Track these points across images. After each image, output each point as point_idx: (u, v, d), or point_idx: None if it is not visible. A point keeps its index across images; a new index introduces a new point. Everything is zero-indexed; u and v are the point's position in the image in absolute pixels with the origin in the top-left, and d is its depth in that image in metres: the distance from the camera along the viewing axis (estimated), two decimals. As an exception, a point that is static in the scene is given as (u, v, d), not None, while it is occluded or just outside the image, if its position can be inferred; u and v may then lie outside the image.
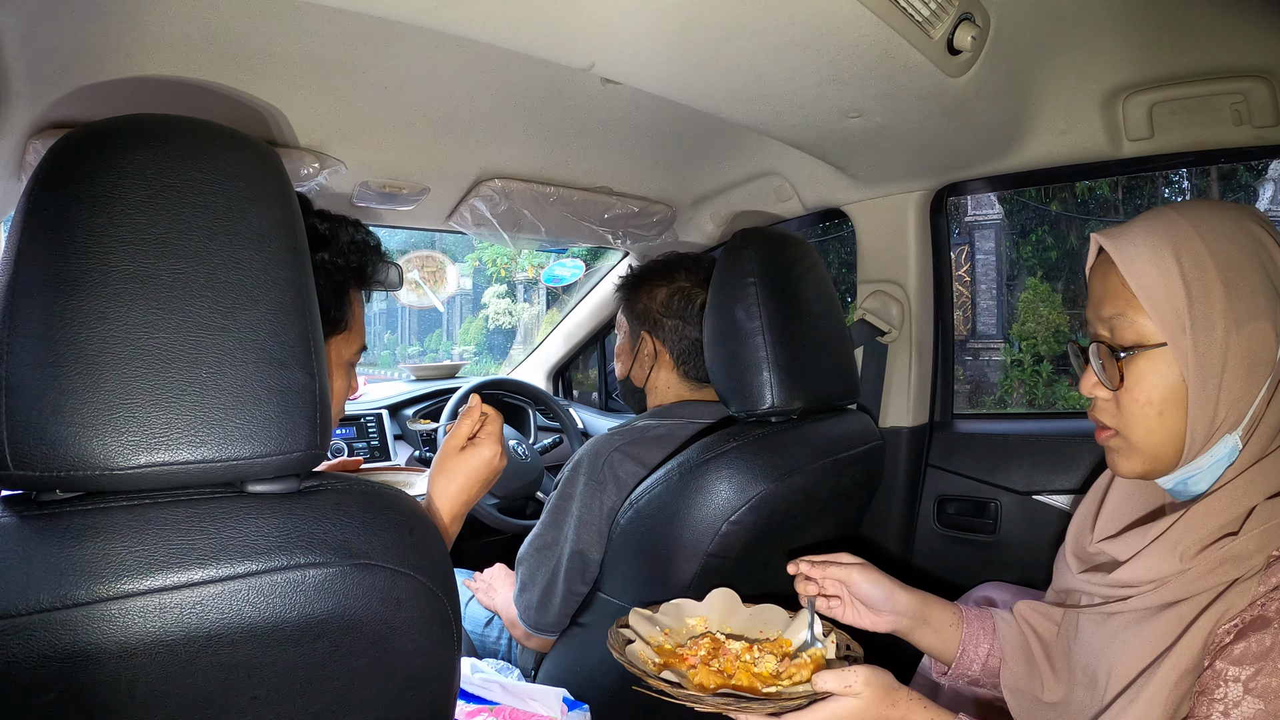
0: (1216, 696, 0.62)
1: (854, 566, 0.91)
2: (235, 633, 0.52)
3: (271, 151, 0.62)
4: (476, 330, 11.17)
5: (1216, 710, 0.62)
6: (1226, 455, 0.70)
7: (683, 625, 0.90)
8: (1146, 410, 0.71)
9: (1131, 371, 0.72)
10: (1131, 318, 0.71)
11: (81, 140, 0.56)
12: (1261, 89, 1.09)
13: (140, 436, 0.51)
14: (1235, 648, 0.63)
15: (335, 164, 1.24)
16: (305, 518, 0.56)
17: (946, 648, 0.94)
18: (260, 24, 0.92)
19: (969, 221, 9.07)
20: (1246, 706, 0.61)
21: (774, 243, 1.14)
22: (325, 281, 0.84)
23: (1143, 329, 0.70)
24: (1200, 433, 0.70)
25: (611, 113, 1.29)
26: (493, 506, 1.83)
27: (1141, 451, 0.73)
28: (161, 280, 0.52)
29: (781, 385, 1.07)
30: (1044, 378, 8.34)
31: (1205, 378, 0.68)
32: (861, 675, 0.73)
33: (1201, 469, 0.71)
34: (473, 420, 0.93)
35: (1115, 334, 0.73)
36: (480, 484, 0.91)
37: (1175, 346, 0.69)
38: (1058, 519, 1.38)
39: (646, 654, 0.82)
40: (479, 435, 0.93)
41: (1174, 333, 0.68)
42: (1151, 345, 0.70)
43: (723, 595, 0.93)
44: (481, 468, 0.90)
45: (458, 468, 0.90)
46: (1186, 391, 0.69)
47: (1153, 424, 0.72)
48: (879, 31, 0.84)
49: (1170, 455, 0.72)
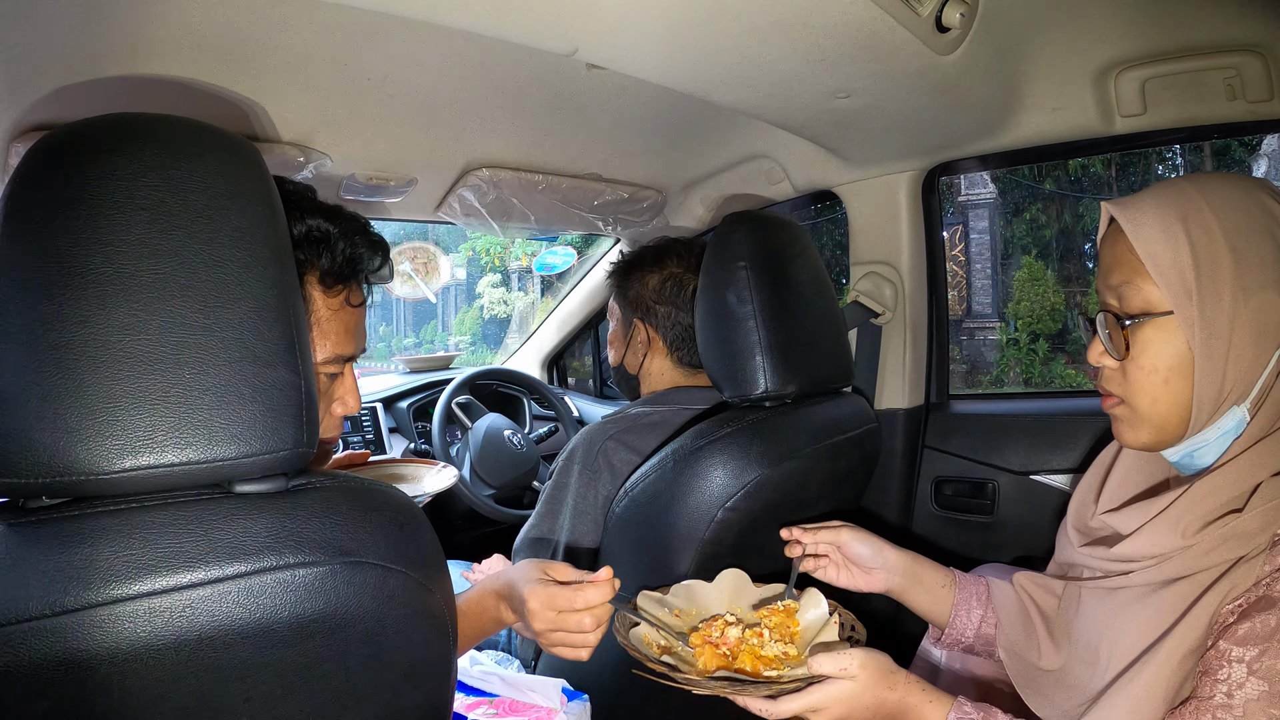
0: (1220, 677, 0.62)
1: (844, 528, 0.94)
2: (227, 635, 0.52)
3: (251, 147, 0.61)
4: (472, 320, 11.15)
5: (1220, 691, 0.62)
6: (1234, 428, 0.70)
7: (693, 606, 0.91)
8: (1152, 378, 0.71)
9: (1138, 340, 0.72)
10: (1138, 285, 0.71)
11: (59, 142, 0.55)
12: (1255, 63, 1.08)
13: (125, 440, 0.51)
14: (1239, 628, 0.63)
15: (320, 158, 1.23)
16: (294, 517, 0.56)
17: (940, 610, 0.95)
18: (240, 19, 0.91)
19: (963, 201, 9.04)
20: (1250, 688, 0.61)
21: (764, 225, 1.13)
22: None
23: (1149, 297, 0.70)
24: (1207, 403, 0.69)
25: (598, 98, 1.28)
26: (489, 497, 1.84)
27: (1148, 421, 0.73)
28: (142, 281, 0.52)
29: (775, 369, 1.06)
30: (1040, 356, 8.35)
31: (1212, 346, 0.68)
32: (858, 658, 0.73)
33: (1208, 441, 0.71)
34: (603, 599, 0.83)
35: (1123, 302, 0.72)
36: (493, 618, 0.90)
37: (1181, 314, 0.68)
38: (1056, 499, 1.38)
39: (652, 637, 0.82)
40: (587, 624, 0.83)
41: (1180, 300, 0.68)
42: (1158, 313, 0.70)
43: (733, 575, 0.93)
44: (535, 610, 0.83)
45: (523, 589, 0.85)
46: (1193, 360, 0.69)
47: (1159, 392, 0.71)
48: (865, 9, 0.82)
49: (1176, 425, 0.72)
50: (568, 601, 0.81)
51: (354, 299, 0.84)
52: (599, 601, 0.81)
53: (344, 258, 0.81)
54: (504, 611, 0.89)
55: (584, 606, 0.81)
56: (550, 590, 0.83)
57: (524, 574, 0.86)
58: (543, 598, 0.82)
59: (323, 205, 0.82)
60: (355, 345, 0.85)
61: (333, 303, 0.81)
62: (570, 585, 0.83)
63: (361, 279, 0.86)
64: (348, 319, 0.83)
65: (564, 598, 0.82)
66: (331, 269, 0.80)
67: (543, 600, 0.82)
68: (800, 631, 0.84)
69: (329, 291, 0.81)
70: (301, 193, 0.82)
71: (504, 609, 0.89)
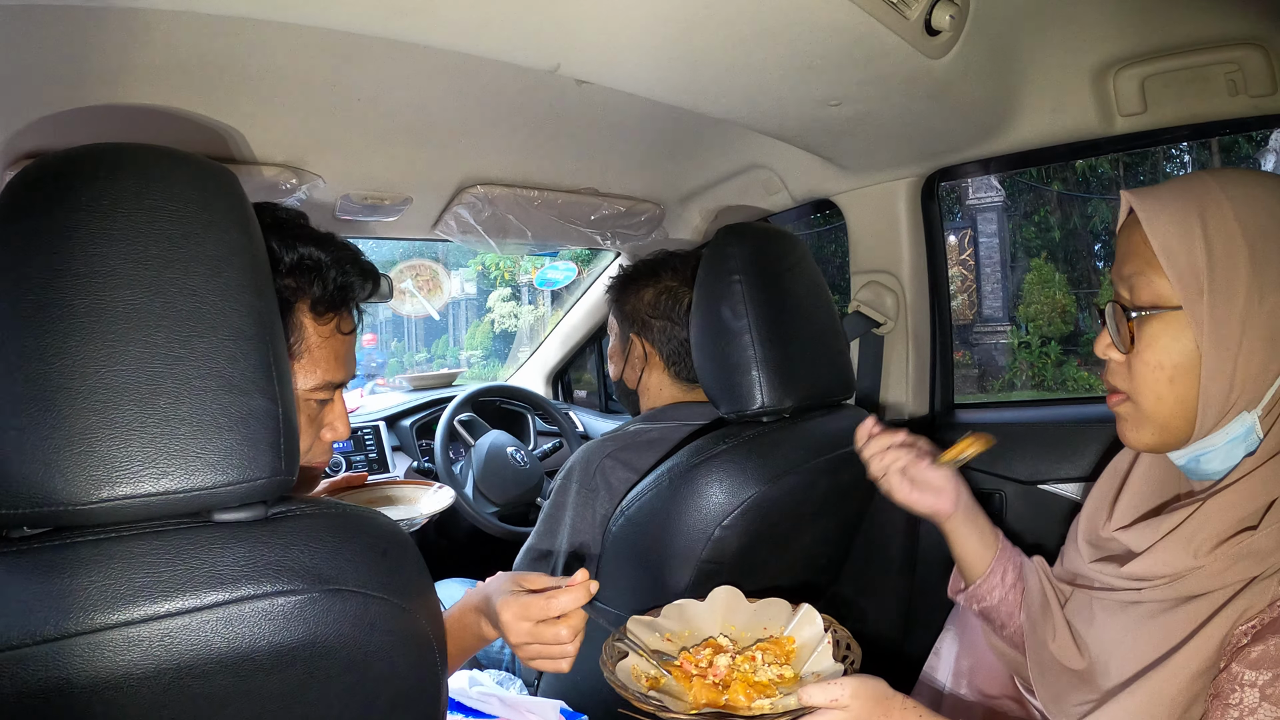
0: (1231, 702, 0.60)
1: (922, 438, 0.91)
2: (206, 664, 0.52)
3: (228, 172, 0.61)
4: (483, 334, 11.18)
5: (1231, 716, 0.60)
6: (1243, 435, 0.67)
7: (686, 627, 0.88)
8: (1157, 375, 0.69)
9: (1145, 333, 0.69)
10: (1150, 277, 0.68)
11: (37, 173, 0.56)
12: (1256, 57, 1.06)
13: (103, 470, 0.51)
14: (1253, 650, 0.61)
15: (314, 179, 1.24)
16: (273, 545, 0.56)
17: (978, 562, 0.93)
18: (223, 43, 0.91)
19: (970, 205, 8.99)
20: (1263, 713, 0.58)
21: (759, 238, 1.11)
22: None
23: (1160, 290, 0.68)
24: (1214, 405, 0.66)
25: (591, 112, 1.27)
26: (493, 514, 1.83)
27: (1151, 420, 0.71)
28: (117, 312, 0.52)
29: (771, 384, 1.04)
30: (1053, 359, 8.27)
31: (1221, 347, 0.65)
32: (849, 687, 0.69)
33: (1215, 447, 0.68)
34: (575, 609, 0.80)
35: (1133, 294, 0.70)
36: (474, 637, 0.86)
37: (1191, 310, 0.66)
38: (1064, 508, 1.35)
39: (641, 669, 0.80)
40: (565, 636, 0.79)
41: (1191, 296, 0.66)
42: (1167, 307, 0.67)
43: (725, 593, 0.91)
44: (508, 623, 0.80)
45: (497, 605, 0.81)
46: (1200, 360, 0.66)
47: (1163, 390, 0.69)
48: (850, 15, 0.81)
49: (1181, 427, 0.69)
50: (541, 610, 0.78)
51: (344, 327, 0.85)
52: (573, 606, 0.78)
53: (335, 286, 0.82)
54: (485, 627, 0.85)
55: (558, 613, 0.78)
56: (523, 600, 0.79)
57: (499, 586, 0.83)
58: (515, 609, 0.79)
59: (315, 233, 0.83)
60: (345, 372, 0.86)
61: (324, 330, 0.82)
62: (543, 593, 0.80)
63: (352, 307, 0.86)
64: (338, 346, 0.84)
65: (537, 607, 0.78)
66: (323, 297, 0.81)
67: (515, 612, 0.79)
68: (797, 650, 0.82)
69: (320, 319, 0.82)
70: (294, 220, 0.82)
71: (485, 624, 0.85)
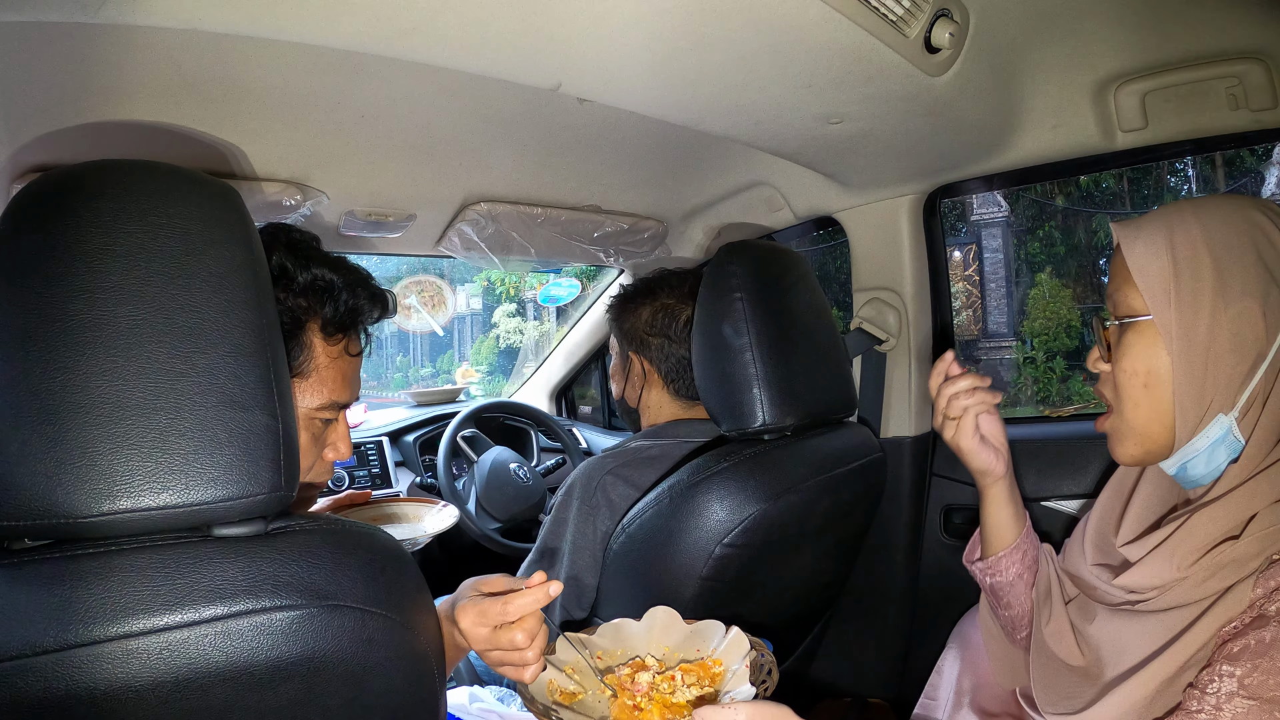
0: (1209, 691, 0.63)
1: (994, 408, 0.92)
2: (204, 677, 0.52)
3: (231, 189, 0.62)
4: (489, 350, 11.19)
5: (1208, 704, 0.62)
6: (1222, 437, 0.70)
7: (619, 646, 0.86)
8: (1133, 381, 0.74)
9: (1122, 342, 0.75)
10: (1126, 292, 0.75)
11: (42, 188, 0.57)
12: (1257, 71, 1.06)
13: (104, 484, 0.51)
14: (1234, 645, 0.64)
15: (317, 195, 1.24)
16: (271, 560, 0.56)
17: (1004, 535, 0.95)
18: (227, 61, 0.92)
19: (975, 220, 9.01)
20: (1238, 703, 0.61)
21: (760, 255, 1.12)
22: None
23: (1133, 303, 0.74)
24: (1190, 409, 0.71)
25: (594, 129, 1.28)
26: (496, 530, 1.82)
27: (1133, 430, 0.76)
28: (119, 328, 0.53)
29: (772, 402, 1.04)
30: (1058, 374, 8.25)
31: (1190, 351, 0.70)
32: (744, 712, 0.65)
33: (1199, 451, 0.72)
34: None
35: (1115, 309, 0.77)
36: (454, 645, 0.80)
37: (1159, 319, 0.72)
38: (1067, 525, 1.34)
39: (559, 683, 0.77)
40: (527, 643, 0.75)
41: (1159, 306, 0.71)
42: (1139, 317, 0.74)
43: (663, 613, 0.88)
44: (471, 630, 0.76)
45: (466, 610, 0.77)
46: (1172, 366, 0.72)
47: (1139, 395, 0.74)
48: (851, 33, 0.82)
49: (1162, 434, 0.74)
50: (498, 615, 0.74)
51: (352, 348, 0.86)
52: (530, 609, 0.74)
53: (346, 308, 0.83)
54: (456, 635, 0.80)
55: (515, 617, 0.74)
56: (480, 605, 0.76)
57: (461, 592, 0.81)
58: (472, 615, 0.76)
59: (328, 256, 0.84)
60: (351, 393, 0.87)
61: (332, 350, 0.83)
62: (500, 596, 0.76)
63: (361, 329, 0.88)
64: (345, 367, 0.85)
65: (494, 611, 0.75)
66: (333, 318, 0.82)
67: (473, 618, 0.76)
68: (723, 673, 0.80)
69: (329, 340, 0.83)
70: (308, 242, 0.84)
71: (456, 633, 0.80)
